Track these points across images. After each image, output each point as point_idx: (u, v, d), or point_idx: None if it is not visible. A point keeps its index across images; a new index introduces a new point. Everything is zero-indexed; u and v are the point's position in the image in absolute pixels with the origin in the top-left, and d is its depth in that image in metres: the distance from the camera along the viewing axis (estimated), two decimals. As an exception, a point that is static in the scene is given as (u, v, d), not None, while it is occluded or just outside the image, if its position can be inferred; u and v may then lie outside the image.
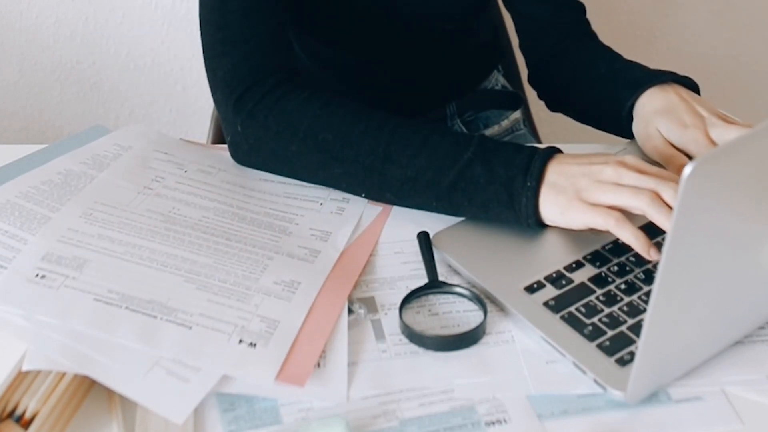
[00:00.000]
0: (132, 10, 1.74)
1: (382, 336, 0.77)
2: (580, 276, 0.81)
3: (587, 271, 0.82)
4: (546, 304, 0.78)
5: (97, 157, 0.94)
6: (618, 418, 0.70)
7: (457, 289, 0.81)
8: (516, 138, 1.26)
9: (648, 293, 0.79)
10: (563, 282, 0.80)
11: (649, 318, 0.64)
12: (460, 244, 0.86)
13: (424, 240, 0.86)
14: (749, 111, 1.98)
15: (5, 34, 1.75)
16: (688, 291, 0.66)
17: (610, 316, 0.77)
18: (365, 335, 0.77)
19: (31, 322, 0.73)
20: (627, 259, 0.83)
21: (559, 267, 0.82)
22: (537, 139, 1.31)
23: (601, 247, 0.84)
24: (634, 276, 0.81)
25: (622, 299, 0.78)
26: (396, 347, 0.76)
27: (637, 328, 0.75)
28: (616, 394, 0.71)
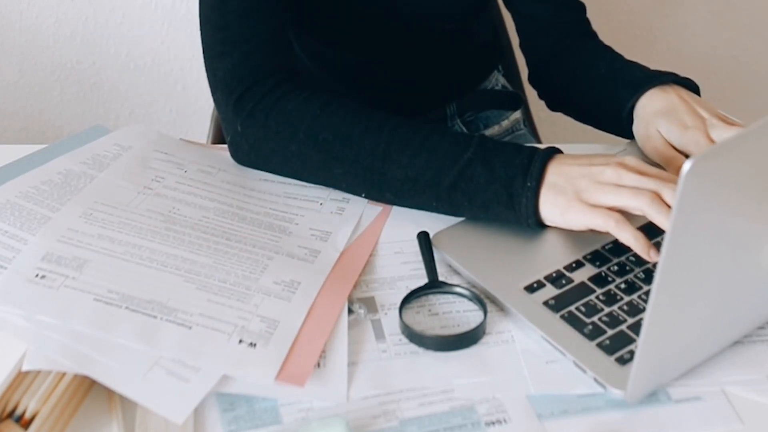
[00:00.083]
0: (132, 10, 1.74)
1: (382, 336, 0.77)
2: (580, 275, 0.81)
3: (587, 271, 0.82)
4: (546, 303, 0.78)
5: (97, 157, 0.94)
6: (618, 417, 0.70)
7: (457, 289, 0.81)
8: (516, 138, 1.26)
9: (648, 292, 0.79)
10: (563, 281, 0.80)
11: (648, 317, 0.64)
12: (460, 244, 0.86)
13: (424, 240, 0.86)
14: (749, 111, 1.98)
15: (5, 34, 1.75)
16: (687, 290, 0.66)
17: (610, 315, 0.77)
18: (365, 335, 0.77)
19: (31, 322, 0.73)
20: (627, 258, 0.83)
21: (559, 267, 0.82)
22: (537, 140, 1.31)
23: (601, 247, 0.84)
24: (634, 275, 0.81)
25: (622, 298, 0.78)
26: (396, 347, 0.76)
27: (636, 327, 0.75)
28: (616, 393, 0.71)
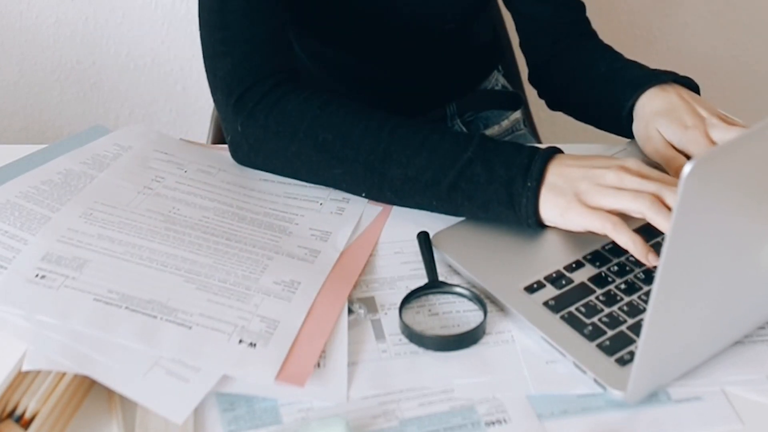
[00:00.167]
0: (132, 10, 1.74)
1: (382, 336, 0.77)
2: (580, 276, 0.81)
3: (587, 271, 0.82)
4: (546, 304, 0.78)
5: (97, 157, 0.94)
6: (618, 418, 0.70)
7: (457, 289, 0.81)
8: (516, 138, 1.26)
9: (648, 293, 0.79)
10: (563, 282, 0.80)
11: (648, 318, 0.64)
12: (460, 244, 0.86)
13: (424, 240, 0.86)
14: (749, 111, 1.98)
15: (5, 34, 1.75)
16: (687, 290, 0.66)
17: (610, 315, 0.77)
18: (365, 335, 0.77)
19: (31, 322, 0.73)
20: (627, 259, 0.83)
21: (559, 267, 0.82)
22: (537, 139, 1.31)
23: (601, 247, 0.84)
24: (634, 276, 0.81)
25: (622, 299, 0.78)
26: (396, 347, 0.76)
27: (637, 328, 0.75)
28: (616, 393, 0.71)
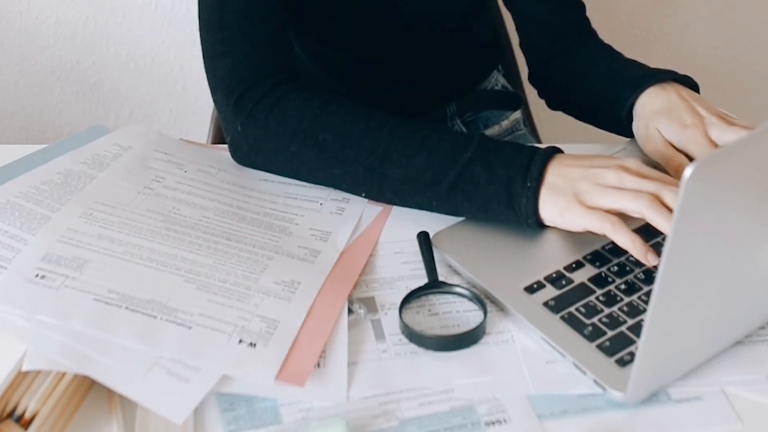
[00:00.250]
0: (132, 10, 1.74)
1: (382, 336, 0.77)
2: (580, 276, 0.81)
3: (587, 271, 0.82)
4: (546, 304, 0.78)
5: (97, 157, 0.94)
6: (618, 418, 0.70)
7: (457, 289, 0.81)
8: (516, 138, 1.26)
9: (648, 293, 0.79)
10: (563, 282, 0.80)
11: (649, 318, 0.64)
12: (460, 244, 0.86)
13: (424, 240, 0.86)
14: (749, 111, 1.98)
15: (5, 34, 1.75)
16: (688, 292, 0.66)
17: (610, 316, 0.77)
18: (365, 335, 0.77)
19: (31, 322, 0.73)
20: (627, 259, 0.83)
21: (559, 267, 0.82)
22: (537, 140, 1.31)
23: (601, 247, 0.84)
24: (634, 276, 0.81)
25: (622, 299, 0.78)
26: (396, 347, 0.76)
27: (637, 329, 0.75)
28: (616, 394, 0.71)
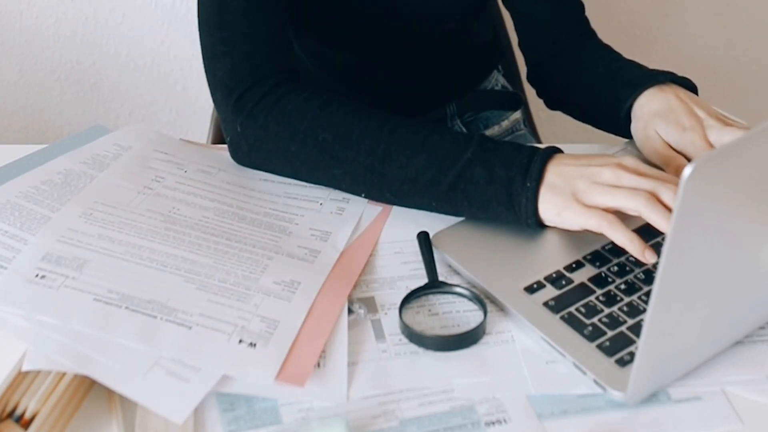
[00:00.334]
0: (132, 10, 1.74)
1: (382, 336, 0.77)
2: (580, 276, 0.81)
3: (587, 271, 0.82)
4: (546, 304, 0.78)
5: (97, 157, 0.94)
6: (618, 418, 0.70)
7: (457, 289, 0.81)
8: (516, 138, 1.26)
9: (648, 293, 0.79)
10: (563, 282, 0.80)
11: (649, 318, 0.64)
12: (460, 244, 0.86)
13: (424, 240, 0.86)
14: (749, 111, 1.98)
15: (5, 34, 1.75)
16: (688, 292, 0.66)
17: (610, 316, 0.77)
18: (365, 335, 0.77)
19: (31, 322, 0.73)
20: (627, 259, 0.83)
21: (559, 267, 0.82)
22: (537, 140, 1.31)
23: (601, 247, 0.84)
24: (634, 276, 0.81)
25: (622, 299, 0.78)
26: (396, 347, 0.76)
27: (637, 329, 0.75)
28: (616, 394, 0.71)
